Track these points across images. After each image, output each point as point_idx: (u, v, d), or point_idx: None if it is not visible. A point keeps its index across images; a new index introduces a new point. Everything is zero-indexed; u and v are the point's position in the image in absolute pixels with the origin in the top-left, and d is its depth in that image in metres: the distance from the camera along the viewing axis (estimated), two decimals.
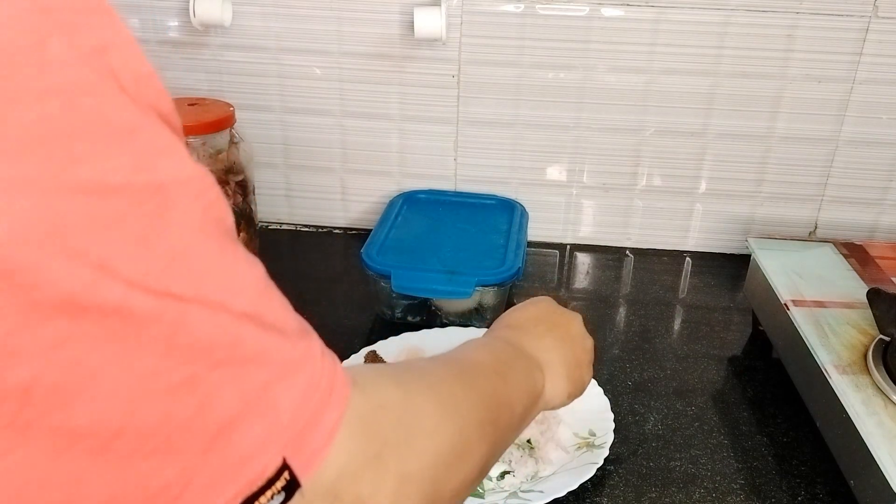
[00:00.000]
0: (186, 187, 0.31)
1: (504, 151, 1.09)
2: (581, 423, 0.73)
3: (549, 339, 0.62)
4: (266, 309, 0.34)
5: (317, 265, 1.07)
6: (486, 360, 0.54)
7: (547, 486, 0.65)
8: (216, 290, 0.31)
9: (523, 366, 0.57)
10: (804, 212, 1.09)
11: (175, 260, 0.30)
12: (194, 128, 0.89)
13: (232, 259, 0.33)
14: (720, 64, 1.01)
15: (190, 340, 0.30)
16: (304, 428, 0.33)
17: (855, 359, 0.71)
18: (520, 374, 0.56)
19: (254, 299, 0.33)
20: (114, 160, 0.29)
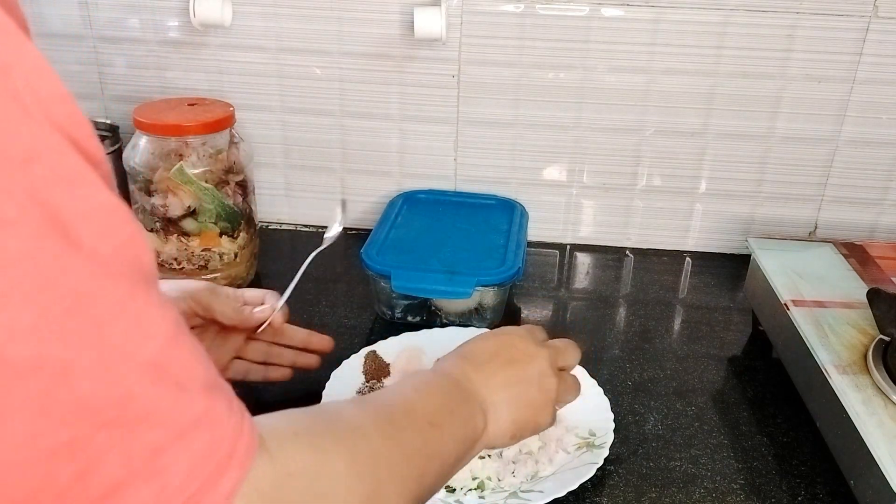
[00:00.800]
0: (92, 223, 0.29)
1: (504, 151, 1.09)
2: (581, 423, 0.73)
3: (501, 377, 0.59)
4: (171, 360, 0.32)
5: (317, 265, 1.07)
6: (423, 407, 0.52)
7: (547, 486, 0.65)
8: (115, 340, 0.29)
9: (464, 412, 0.56)
10: (804, 212, 1.09)
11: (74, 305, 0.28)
12: (194, 128, 0.89)
13: (142, 304, 0.31)
14: (720, 64, 1.01)
15: (72, 397, 0.28)
16: (198, 492, 0.31)
17: (855, 359, 0.71)
18: (458, 421, 0.54)
19: (159, 350, 0.31)
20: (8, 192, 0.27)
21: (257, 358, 0.75)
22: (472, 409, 0.56)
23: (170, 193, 0.90)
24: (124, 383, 0.29)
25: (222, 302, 0.69)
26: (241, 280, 0.97)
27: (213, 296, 0.69)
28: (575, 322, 0.96)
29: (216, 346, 0.72)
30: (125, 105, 1.07)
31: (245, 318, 0.70)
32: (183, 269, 0.93)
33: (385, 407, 0.50)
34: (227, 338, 0.73)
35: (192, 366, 0.33)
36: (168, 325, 0.32)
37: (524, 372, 0.61)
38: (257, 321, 0.71)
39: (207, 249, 0.93)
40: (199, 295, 0.68)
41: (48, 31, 1.09)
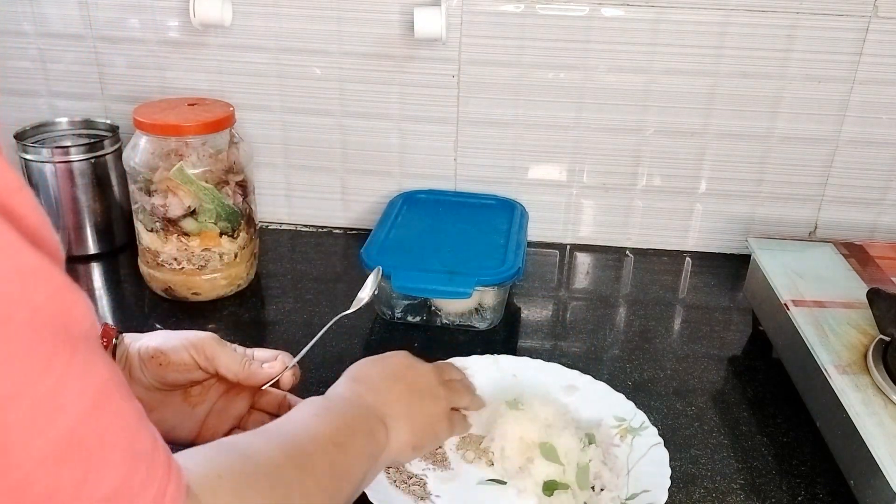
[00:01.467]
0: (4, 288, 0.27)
1: (504, 151, 1.09)
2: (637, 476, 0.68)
3: (394, 393, 0.62)
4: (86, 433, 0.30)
5: (317, 265, 1.07)
6: (325, 430, 0.54)
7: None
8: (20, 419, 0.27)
9: (365, 428, 0.57)
10: (804, 212, 1.09)
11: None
12: (194, 128, 0.89)
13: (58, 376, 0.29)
14: (720, 64, 1.01)
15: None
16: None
17: (855, 359, 0.71)
18: (361, 438, 0.56)
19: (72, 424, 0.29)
20: None
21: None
22: (372, 424, 0.58)
23: (170, 193, 0.90)
24: (25, 467, 0.28)
25: (228, 354, 0.64)
26: (240, 280, 0.97)
27: (220, 347, 0.64)
28: (575, 322, 0.96)
29: (217, 411, 0.67)
30: (125, 105, 1.07)
31: (252, 374, 0.65)
32: (183, 269, 0.93)
33: (291, 436, 0.52)
34: (230, 401, 0.68)
35: (111, 434, 0.31)
36: (88, 393, 0.30)
37: (414, 385, 0.63)
38: (265, 377, 0.65)
39: (207, 249, 0.93)
40: (203, 344, 0.64)
41: (48, 31, 1.09)
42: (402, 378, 0.64)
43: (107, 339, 0.63)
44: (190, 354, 0.63)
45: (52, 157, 1.00)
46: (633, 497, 0.65)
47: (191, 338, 0.64)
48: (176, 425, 0.65)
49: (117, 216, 1.06)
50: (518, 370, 0.80)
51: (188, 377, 0.64)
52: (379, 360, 0.66)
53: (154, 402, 0.63)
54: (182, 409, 0.65)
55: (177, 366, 0.63)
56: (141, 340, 0.64)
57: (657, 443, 0.69)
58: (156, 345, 0.63)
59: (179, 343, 0.63)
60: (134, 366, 0.63)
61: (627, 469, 0.68)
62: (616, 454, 0.70)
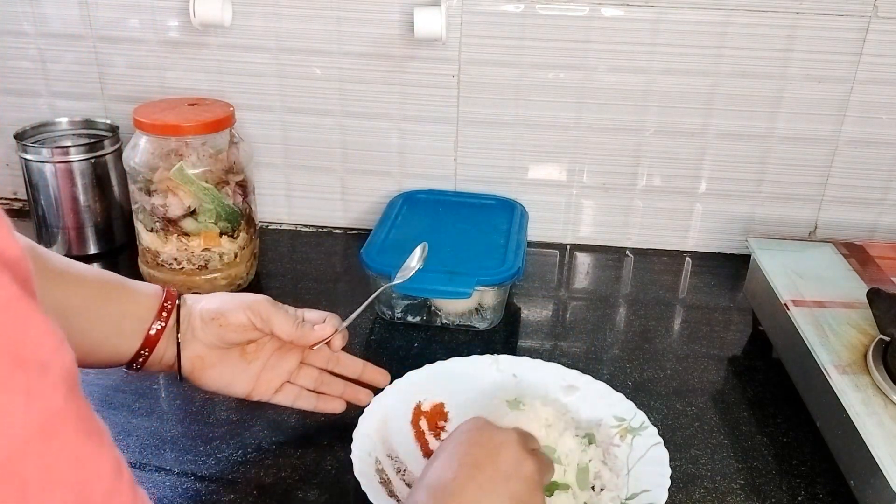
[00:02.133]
0: None
1: (504, 151, 1.09)
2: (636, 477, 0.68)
3: (473, 489, 0.52)
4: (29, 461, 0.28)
5: (317, 265, 1.07)
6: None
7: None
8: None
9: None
10: (804, 212, 1.09)
11: None
12: (194, 128, 0.89)
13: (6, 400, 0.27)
14: (720, 64, 1.01)
15: None
16: None
17: (855, 359, 0.71)
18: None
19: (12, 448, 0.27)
20: None
21: (308, 385, 0.74)
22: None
23: (170, 193, 0.90)
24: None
25: (282, 315, 0.68)
26: (240, 280, 0.97)
27: (274, 308, 0.68)
28: (575, 322, 0.96)
29: (270, 366, 0.71)
30: (125, 105, 1.07)
31: (304, 334, 0.69)
32: (183, 269, 0.93)
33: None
34: (282, 358, 0.72)
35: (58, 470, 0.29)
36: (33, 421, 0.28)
37: (496, 470, 0.54)
38: (317, 338, 0.70)
39: (207, 249, 0.93)
40: (259, 307, 0.67)
41: (48, 31, 1.09)
42: (479, 465, 0.54)
43: (171, 300, 0.66)
44: (247, 316, 0.67)
45: (52, 157, 1.00)
46: (633, 497, 0.65)
47: (247, 300, 0.68)
48: (232, 380, 0.69)
49: (117, 216, 1.06)
50: (518, 370, 0.80)
51: (245, 336, 0.68)
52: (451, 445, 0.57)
53: (214, 359, 0.68)
54: (238, 364, 0.70)
55: (235, 326, 0.67)
56: (202, 302, 0.68)
57: (657, 443, 0.69)
58: (215, 307, 0.67)
59: (237, 305, 0.67)
60: (196, 326, 0.67)
61: (627, 469, 0.68)
62: (616, 454, 0.70)
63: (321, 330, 0.70)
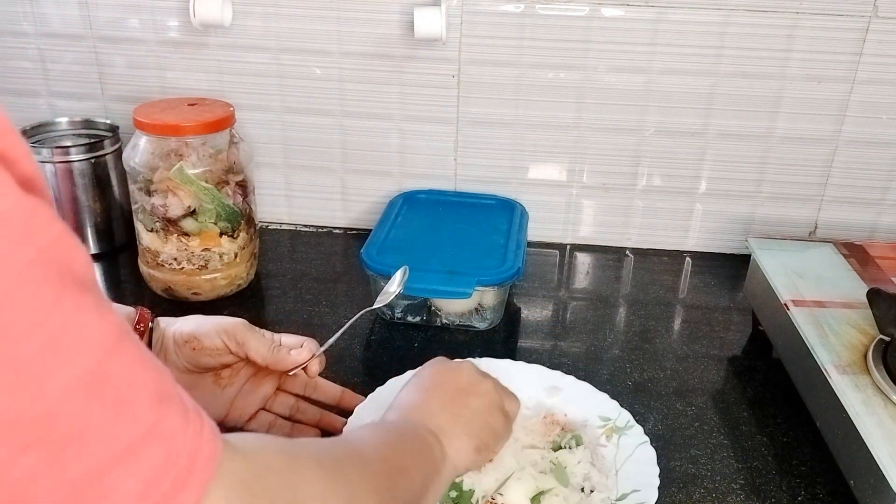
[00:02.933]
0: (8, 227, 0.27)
1: (504, 151, 1.09)
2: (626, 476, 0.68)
3: (436, 403, 0.59)
4: (110, 372, 0.30)
5: (317, 265, 1.07)
6: (376, 439, 0.52)
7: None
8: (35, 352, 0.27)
9: (413, 438, 0.55)
10: (804, 212, 1.09)
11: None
12: (194, 128, 0.89)
13: (70, 313, 0.29)
14: (720, 64, 1.01)
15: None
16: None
17: (855, 359, 0.71)
18: (412, 444, 0.54)
19: (94, 362, 0.29)
20: None
21: (283, 412, 0.72)
22: (424, 439, 0.56)
23: (170, 193, 0.90)
24: (47, 401, 0.27)
25: (258, 339, 0.66)
26: (240, 280, 0.97)
27: (249, 332, 0.67)
28: (575, 322, 0.96)
29: (245, 393, 0.70)
30: (125, 105, 1.07)
31: (280, 359, 0.67)
32: (183, 269, 0.93)
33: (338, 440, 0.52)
34: (257, 384, 0.70)
35: (136, 377, 0.31)
36: (106, 333, 0.30)
37: (455, 386, 0.61)
38: (293, 363, 0.67)
39: (207, 249, 0.93)
40: (234, 330, 0.66)
41: (48, 31, 1.09)
42: (440, 385, 0.61)
43: (143, 323, 0.65)
44: (222, 340, 0.66)
45: (52, 157, 1.00)
46: (624, 497, 0.65)
47: (223, 323, 0.67)
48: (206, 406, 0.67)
49: (117, 216, 1.06)
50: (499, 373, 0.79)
51: (220, 360, 0.66)
52: (413, 378, 0.64)
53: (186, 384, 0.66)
54: (212, 390, 0.68)
55: (209, 350, 0.65)
56: (175, 325, 0.67)
57: (643, 441, 0.69)
58: (189, 329, 0.66)
59: (212, 328, 0.66)
60: (169, 349, 0.65)
61: (615, 469, 0.68)
62: (603, 454, 0.69)
63: (297, 355, 0.68)
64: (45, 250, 0.28)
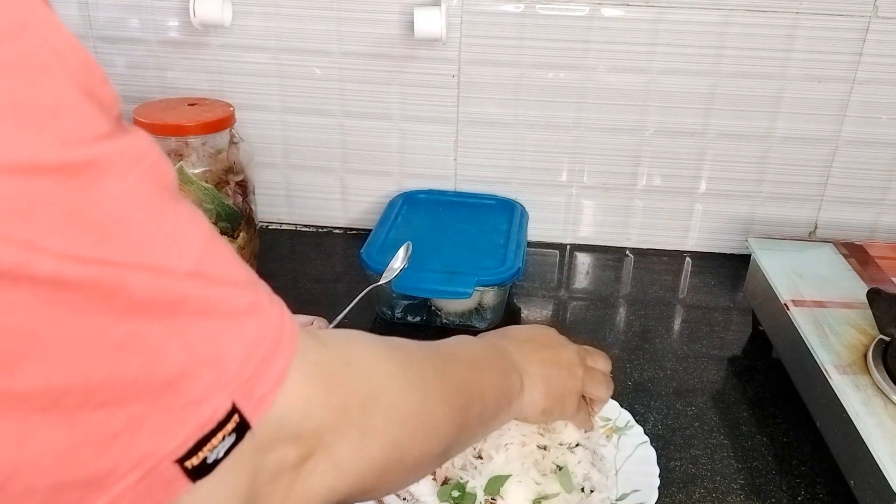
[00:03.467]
0: (119, 157, 0.31)
1: (504, 151, 1.09)
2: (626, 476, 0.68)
3: (536, 356, 0.63)
4: (211, 265, 0.34)
5: (317, 265, 1.07)
6: (464, 353, 0.56)
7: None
8: (156, 255, 0.31)
9: (502, 366, 0.59)
10: (804, 212, 1.09)
11: (110, 229, 0.30)
12: (194, 128, 0.89)
13: (173, 220, 0.33)
14: (720, 64, 1.01)
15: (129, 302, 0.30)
16: (254, 374, 0.34)
17: (855, 359, 0.71)
18: (497, 373, 0.58)
19: (198, 258, 0.33)
20: (39, 141, 0.28)
21: None
22: (509, 368, 0.60)
23: None
24: (175, 288, 0.31)
25: None
26: None
27: None
28: (575, 322, 0.96)
29: None
30: (125, 105, 1.05)
31: None
32: None
33: (429, 345, 0.54)
34: None
35: (230, 267, 0.35)
36: (203, 233, 0.34)
37: (556, 356, 0.65)
38: None
39: None
40: None
41: None
42: (546, 346, 0.65)
43: None
44: None
45: None
46: (624, 497, 0.65)
47: None
48: None
49: None
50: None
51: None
52: (529, 327, 0.68)
53: None
54: None
55: None
56: None
57: (644, 441, 0.69)
58: None
59: None
60: None
61: (616, 469, 0.68)
62: (603, 454, 0.69)
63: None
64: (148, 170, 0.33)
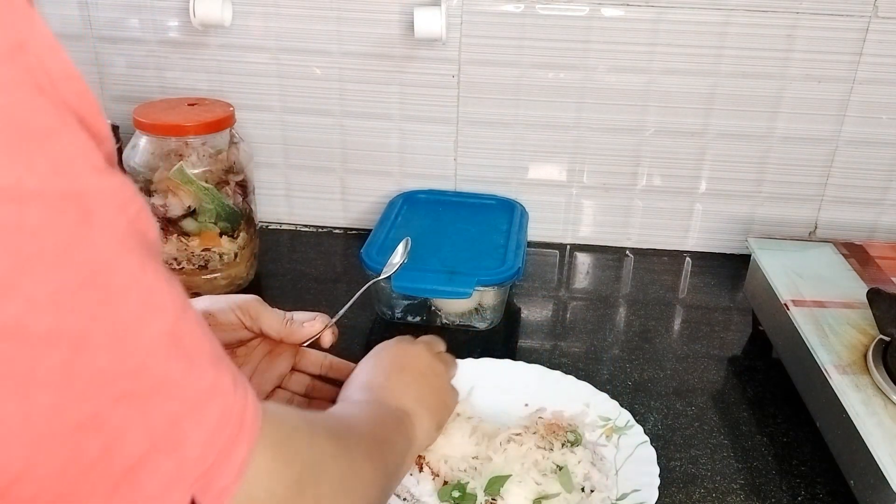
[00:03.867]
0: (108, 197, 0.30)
1: (504, 151, 1.09)
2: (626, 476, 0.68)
3: (401, 386, 0.63)
4: (182, 333, 0.32)
5: (317, 265, 1.07)
6: (361, 415, 0.57)
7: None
8: (128, 313, 0.30)
9: (391, 416, 0.60)
10: (804, 212, 1.09)
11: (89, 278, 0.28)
12: (194, 128, 0.89)
13: (152, 278, 0.31)
14: (720, 64, 1.01)
15: (90, 370, 0.28)
16: (215, 463, 0.32)
17: (855, 359, 0.71)
18: (392, 422, 0.59)
19: (171, 323, 0.32)
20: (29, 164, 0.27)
21: (300, 390, 0.73)
22: (399, 417, 0.60)
23: (170, 193, 0.90)
24: (138, 355, 0.30)
25: (271, 313, 0.68)
26: (241, 280, 0.97)
27: (262, 307, 0.68)
28: (575, 322, 0.96)
29: (261, 371, 0.70)
30: (125, 105, 1.06)
31: (293, 331, 0.69)
32: (183, 269, 0.93)
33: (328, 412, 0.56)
34: (273, 362, 0.71)
35: (200, 339, 0.34)
36: (177, 298, 0.33)
37: (417, 369, 0.66)
38: (307, 335, 0.69)
39: (207, 249, 0.93)
40: (248, 305, 0.67)
41: None
42: (403, 367, 0.66)
43: None
44: (236, 315, 0.67)
45: None
46: (624, 497, 0.65)
47: (236, 299, 0.68)
48: None
49: None
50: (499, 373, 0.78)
51: (234, 337, 0.67)
52: (377, 358, 0.68)
53: None
54: None
55: (224, 326, 0.66)
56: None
57: (643, 441, 0.69)
58: (204, 306, 0.67)
59: (226, 304, 0.67)
60: None
61: (615, 469, 0.68)
62: (603, 454, 0.70)
63: (310, 327, 0.69)
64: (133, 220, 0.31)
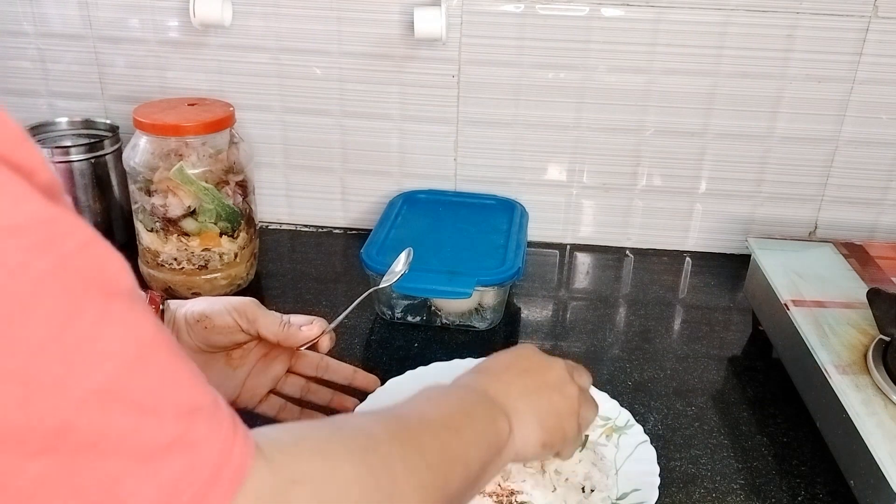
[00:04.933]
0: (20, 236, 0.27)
1: (504, 151, 1.09)
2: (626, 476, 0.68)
3: (518, 386, 0.58)
4: (131, 385, 0.29)
5: (317, 265, 1.07)
6: (436, 414, 0.51)
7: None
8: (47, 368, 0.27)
9: (484, 414, 0.54)
10: (804, 212, 1.09)
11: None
12: (194, 128, 0.89)
13: (89, 326, 0.28)
14: (720, 64, 1.01)
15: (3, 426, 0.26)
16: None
17: (855, 359, 0.71)
18: (479, 424, 0.53)
19: (113, 374, 0.29)
20: None
21: (294, 393, 0.72)
22: (493, 412, 0.55)
23: (170, 193, 0.90)
24: (62, 413, 0.27)
25: (268, 316, 0.67)
26: (241, 280, 0.97)
27: (260, 310, 0.67)
28: (575, 322, 0.96)
29: (256, 373, 0.70)
30: (125, 105, 1.07)
31: (291, 334, 0.67)
32: (183, 269, 0.93)
33: (397, 416, 0.49)
34: (269, 364, 0.71)
35: (161, 388, 0.31)
36: (130, 345, 0.30)
37: (543, 379, 0.60)
38: (304, 339, 0.68)
39: (207, 249, 0.93)
40: (245, 308, 0.67)
41: (48, 31, 1.09)
42: (526, 371, 0.60)
43: (154, 305, 0.66)
44: (233, 317, 0.66)
45: (51, 157, 1.00)
46: (624, 496, 0.65)
47: (233, 302, 0.67)
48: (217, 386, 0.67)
49: (117, 216, 1.06)
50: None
51: (231, 339, 0.67)
52: (506, 353, 0.63)
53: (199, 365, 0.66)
54: (224, 371, 0.69)
55: (221, 328, 0.66)
56: (186, 306, 0.67)
57: (644, 441, 0.69)
58: (201, 309, 0.66)
59: (223, 307, 0.66)
60: (181, 330, 0.66)
61: (616, 469, 0.68)
62: (603, 454, 0.70)
63: (308, 331, 0.68)
64: (68, 258, 0.28)
